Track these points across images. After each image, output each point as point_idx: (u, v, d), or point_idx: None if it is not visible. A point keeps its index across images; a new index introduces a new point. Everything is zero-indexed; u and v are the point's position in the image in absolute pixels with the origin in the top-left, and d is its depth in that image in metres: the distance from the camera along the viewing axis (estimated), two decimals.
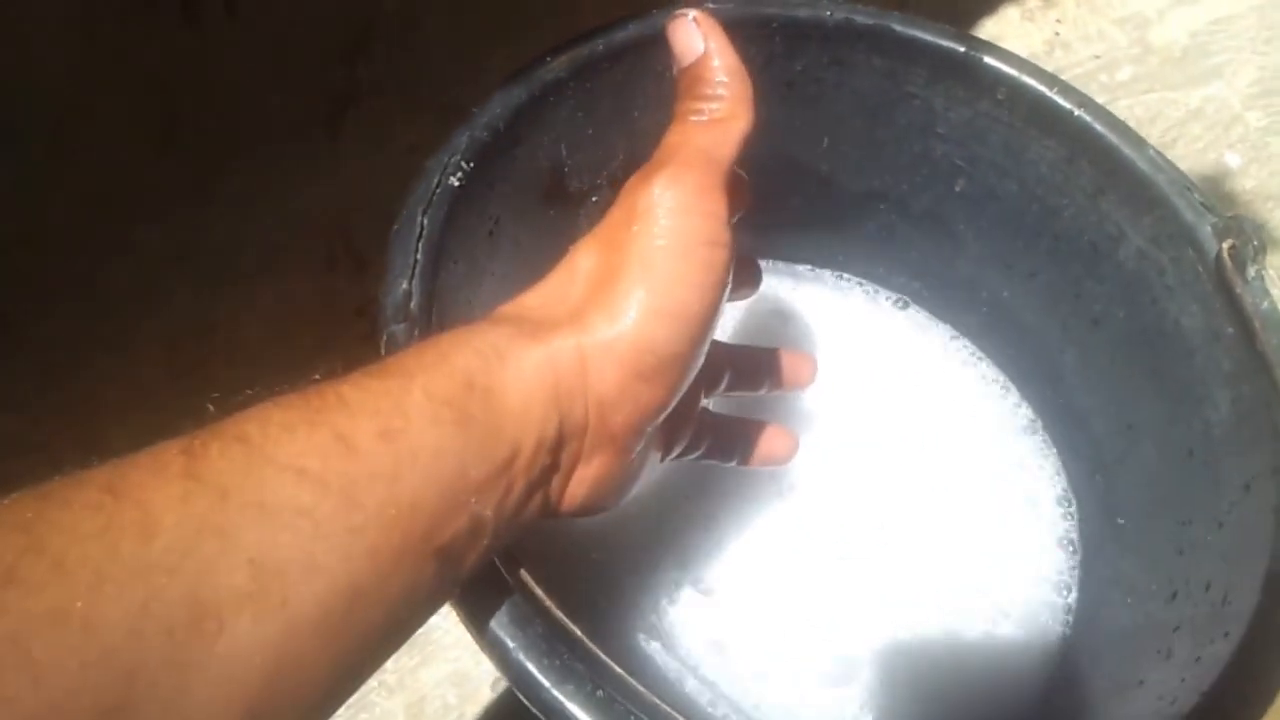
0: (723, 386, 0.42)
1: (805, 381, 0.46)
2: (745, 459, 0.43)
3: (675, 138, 0.32)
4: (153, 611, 0.20)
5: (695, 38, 0.33)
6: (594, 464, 0.31)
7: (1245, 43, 0.84)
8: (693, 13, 0.33)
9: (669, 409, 0.31)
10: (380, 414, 0.25)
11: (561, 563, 0.45)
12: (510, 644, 0.29)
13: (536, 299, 0.31)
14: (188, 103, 0.54)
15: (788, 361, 0.45)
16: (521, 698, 0.29)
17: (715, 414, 0.43)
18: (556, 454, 0.29)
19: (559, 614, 0.30)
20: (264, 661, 0.21)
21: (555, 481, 0.30)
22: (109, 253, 0.53)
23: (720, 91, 0.32)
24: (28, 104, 0.47)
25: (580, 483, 0.31)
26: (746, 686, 0.44)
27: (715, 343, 0.37)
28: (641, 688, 0.29)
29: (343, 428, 0.24)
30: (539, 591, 0.30)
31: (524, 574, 0.30)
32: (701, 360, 0.32)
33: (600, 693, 0.28)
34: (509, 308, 0.31)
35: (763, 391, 0.45)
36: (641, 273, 0.30)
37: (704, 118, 0.32)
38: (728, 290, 0.32)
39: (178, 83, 0.53)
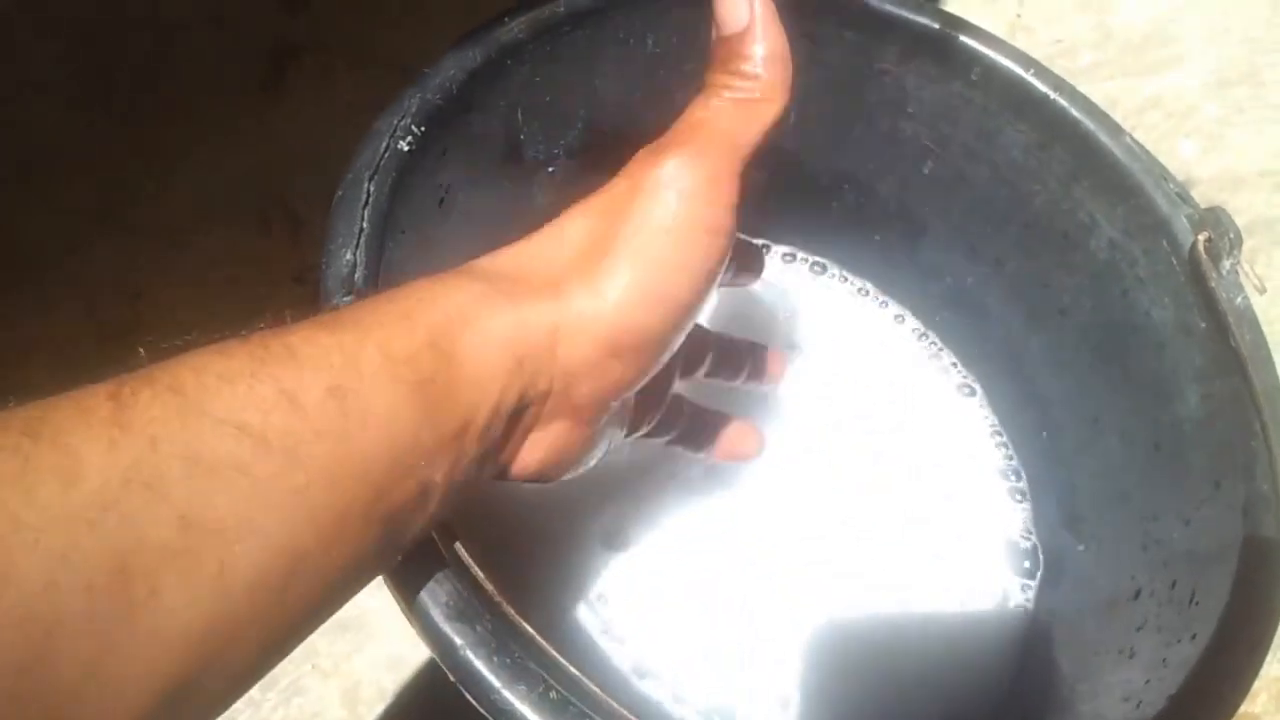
0: (701, 372, 0.41)
1: (779, 377, 0.47)
2: (712, 451, 0.43)
3: (700, 113, 0.30)
4: (72, 563, 0.18)
5: (741, 7, 0.30)
6: (551, 431, 0.29)
7: (1204, 32, 0.84)
8: None
9: (637, 387, 0.30)
10: (331, 369, 0.23)
11: (497, 534, 0.43)
12: (458, 641, 0.27)
13: (515, 258, 0.29)
14: (119, 53, 0.51)
15: (770, 358, 0.46)
16: (470, 698, 0.27)
17: (689, 402, 0.42)
18: (514, 421, 0.28)
19: (508, 608, 0.28)
20: (193, 625, 0.20)
21: (509, 446, 0.29)
22: (32, 210, 0.50)
23: (758, 71, 0.30)
24: None
25: (535, 447, 0.29)
26: (699, 678, 0.42)
27: (699, 327, 0.35)
28: (596, 688, 0.27)
29: (288, 382, 0.22)
30: (480, 575, 0.28)
31: (460, 550, 0.29)
32: (679, 344, 0.30)
33: (554, 694, 0.27)
34: (484, 262, 0.29)
35: (738, 383, 0.45)
36: (636, 252, 0.28)
37: (736, 95, 0.30)
38: (719, 279, 0.30)
39: (109, 32, 0.50)
